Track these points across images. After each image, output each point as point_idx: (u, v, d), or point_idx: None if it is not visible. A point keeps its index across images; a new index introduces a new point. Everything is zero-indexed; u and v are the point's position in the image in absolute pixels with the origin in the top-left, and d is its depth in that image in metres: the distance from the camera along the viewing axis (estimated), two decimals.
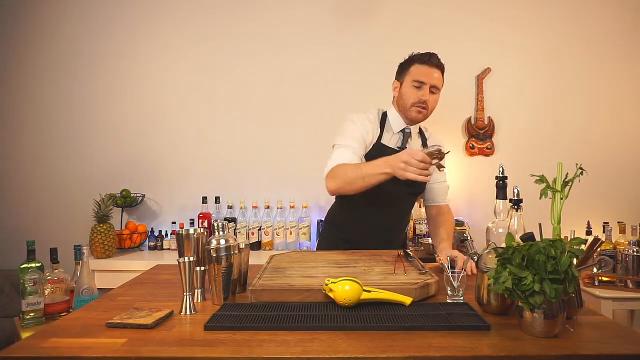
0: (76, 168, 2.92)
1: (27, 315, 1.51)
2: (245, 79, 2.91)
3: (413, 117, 1.72)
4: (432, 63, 1.70)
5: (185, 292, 1.12)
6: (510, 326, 0.98)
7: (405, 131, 1.76)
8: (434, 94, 1.72)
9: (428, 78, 1.69)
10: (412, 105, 1.70)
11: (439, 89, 1.73)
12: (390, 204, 1.74)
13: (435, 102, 1.76)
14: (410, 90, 1.71)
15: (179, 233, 1.35)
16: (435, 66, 1.71)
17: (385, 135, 1.75)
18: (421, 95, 1.69)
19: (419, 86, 1.69)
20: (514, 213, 1.17)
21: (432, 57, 1.72)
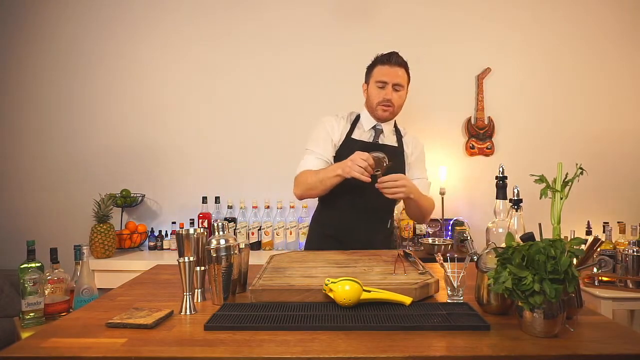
0: (76, 168, 2.92)
1: (27, 315, 1.51)
2: (245, 79, 2.91)
3: (379, 115, 1.82)
4: (393, 62, 1.79)
5: (185, 292, 1.12)
6: (510, 326, 0.98)
7: (377, 127, 1.85)
8: (398, 91, 1.80)
9: (390, 77, 1.77)
10: (378, 105, 1.79)
11: (402, 86, 1.81)
12: (367, 197, 1.75)
13: (401, 99, 1.84)
14: (374, 90, 1.80)
15: (179, 233, 1.35)
16: (397, 65, 1.79)
17: (356, 132, 1.85)
18: (384, 94, 1.78)
19: (382, 86, 1.78)
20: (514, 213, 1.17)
21: (392, 57, 1.80)
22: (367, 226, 1.80)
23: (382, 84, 1.78)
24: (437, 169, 2.85)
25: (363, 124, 1.86)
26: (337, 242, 1.76)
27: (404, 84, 1.81)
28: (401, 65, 1.81)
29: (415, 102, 2.92)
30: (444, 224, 2.77)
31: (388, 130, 1.87)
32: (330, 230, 1.84)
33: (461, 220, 2.75)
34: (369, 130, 1.85)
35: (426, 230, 2.73)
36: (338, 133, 1.82)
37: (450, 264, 1.17)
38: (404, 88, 1.83)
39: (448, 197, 2.80)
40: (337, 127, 1.83)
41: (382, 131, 1.85)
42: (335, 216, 1.84)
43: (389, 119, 1.85)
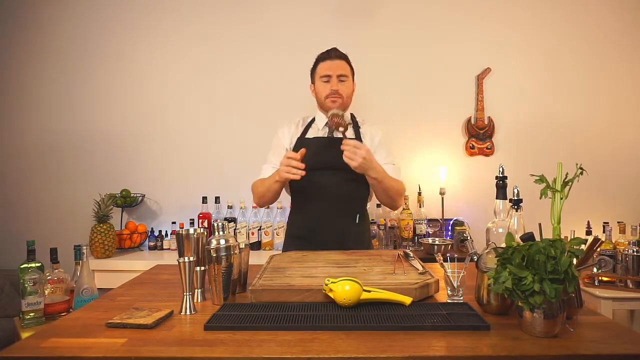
0: (76, 168, 2.92)
1: (27, 315, 1.51)
2: (245, 79, 2.91)
3: (330, 107, 1.82)
4: (333, 56, 1.85)
5: (185, 292, 1.12)
6: (510, 326, 0.98)
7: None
8: (343, 82, 1.84)
9: (332, 70, 1.82)
10: (326, 98, 1.83)
11: (346, 76, 1.84)
12: (329, 194, 1.76)
13: (348, 88, 1.86)
14: (321, 86, 1.85)
15: (179, 233, 1.35)
16: (337, 58, 1.85)
17: (310, 132, 1.89)
18: (330, 86, 1.82)
19: (327, 80, 1.83)
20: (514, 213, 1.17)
21: (331, 52, 1.87)
22: (334, 224, 1.78)
23: (327, 78, 1.82)
24: (437, 169, 2.86)
25: (317, 124, 1.90)
26: (306, 243, 1.74)
27: (347, 74, 1.85)
28: (341, 58, 1.85)
29: (416, 102, 2.93)
30: (444, 224, 2.77)
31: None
32: (299, 231, 1.84)
33: (461, 220, 2.75)
34: (323, 128, 1.87)
35: (426, 230, 2.73)
36: (289, 138, 1.88)
37: (450, 264, 1.17)
38: (349, 78, 1.86)
39: (448, 197, 2.80)
40: (287, 133, 1.89)
41: None
42: (303, 217, 1.84)
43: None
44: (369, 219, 1.98)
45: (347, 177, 1.76)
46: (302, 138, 1.86)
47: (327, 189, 1.77)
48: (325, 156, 1.77)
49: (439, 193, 2.78)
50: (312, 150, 1.78)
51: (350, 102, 1.89)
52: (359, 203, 1.87)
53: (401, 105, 2.91)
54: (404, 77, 2.90)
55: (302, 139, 1.86)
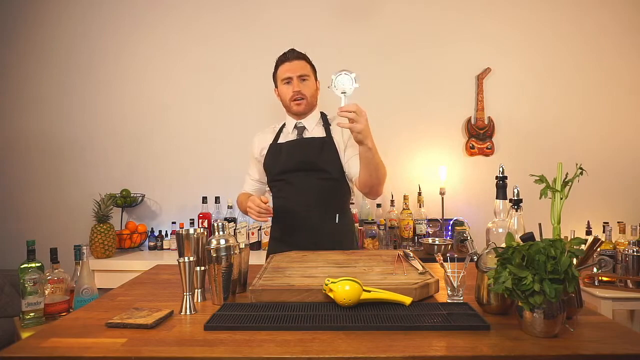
0: (76, 168, 2.92)
1: (27, 315, 1.51)
2: (245, 79, 2.91)
3: (295, 110, 1.82)
4: (291, 57, 1.82)
5: (185, 292, 1.12)
6: (510, 326, 0.98)
7: (298, 126, 1.86)
8: (305, 81, 1.81)
9: (293, 71, 1.79)
10: (290, 101, 1.80)
11: (307, 75, 1.81)
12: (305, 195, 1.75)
13: (311, 88, 1.83)
14: (283, 89, 1.82)
15: (179, 233, 1.35)
16: (295, 58, 1.82)
17: (282, 137, 1.88)
18: (293, 88, 1.79)
19: (289, 82, 1.80)
20: (514, 213, 1.17)
21: (289, 53, 1.84)
22: (312, 225, 1.75)
23: (288, 79, 1.80)
24: (437, 168, 2.86)
25: (288, 128, 1.88)
26: (285, 245, 1.73)
27: (309, 74, 1.81)
28: (300, 58, 1.82)
29: (416, 102, 2.93)
30: (444, 224, 2.77)
31: (312, 124, 1.84)
32: (279, 232, 1.84)
33: (461, 220, 2.75)
34: (293, 131, 1.86)
35: (426, 230, 2.73)
36: (258, 149, 1.90)
37: (450, 264, 1.17)
38: (311, 77, 1.83)
39: (448, 197, 2.80)
40: (256, 144, 1.92)
41: (304, 128, 1.84)
42: (279, 219, 1.83)
43: (306, 111, 1.83)
44: (352, 218, 1.94)
45: (322, 176, 1.76)
46: (274, 144, 1.87)
47: (302, 190, 1.76)
48: (297, 158, 1.77)
49: (439, 193, 2.78)
50: (284, 153, 1.80)
51: (315, 101, 1.86)
52: (337, 202, 1.82)
53: (401, 105, 2.91)
54: (404, 77, 2.90)
55: (274, 144, 1.86)
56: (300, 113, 1.82)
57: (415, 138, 2.90)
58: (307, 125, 1.85)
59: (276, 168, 1.82)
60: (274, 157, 1.83)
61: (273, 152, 1.85)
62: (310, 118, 1.85)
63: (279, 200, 1.83)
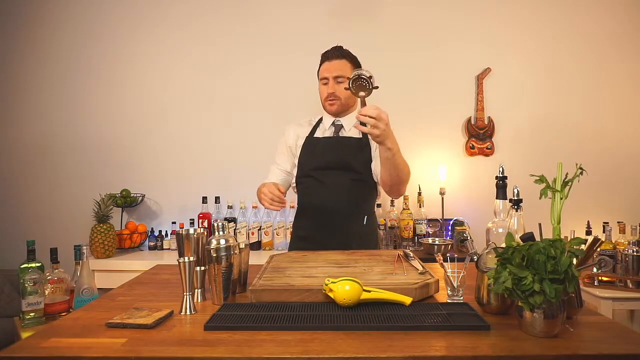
0: (76, 168, 2.92)
1: (27, 315, 1.51)
2: (246, 80, 2.91)
3: (328, 110, 1.85)
4: (331, 57, 1.83)
5: (185, 292, 1.12)
6: (510, 326, 0.98)
7: (336, 124, 1.86)
8: (341, 82, 1.80)
9: (330, 72, 1.81)
10: (325, 101, 1.84)
11: (344, 76, 1.80)
12: (337, 195, 1.75)
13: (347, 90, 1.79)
14: (321, 88, 1.86)
15: (179, 233, 1.35)
16: (335, 58, 1.82)
17: (318, 132, 1.89)
18: (327, 89, 1.81)
19: (326, 82, 1.83)
20: (514, 213, 1.17)
21: (330, 52, 1.85)
22: (341, 226, 1.76)
23: (326, 80, 1.82)
24: (437, 168, 2.86)
25: (325, 124, 1.89)
26: (312, 244, 1.72)
27: (346, 75, 1.80)
28: (341, 57, 1.83)
29: (416, 102, 2.92)
30: (444, 224, 2.77)
31: (349, 124, 1.85)
32: (305, 232, 1.83)
33: (461, 220, 2.75)
34: (330, 128, 1.87)
35: (426, 230, 2.73)
36: (294, 139, 1.88)
37: (450, 264, 1.17)
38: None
39: (448, 197, 2.80)
40: (292, 134, 1.90)
41: (342, 126, 1.85)
42: (308, 219, 1.83)
43: (339, 112, 1.85)
44: (377, 220, 1.97)
45: (355, 177, 1.76)
46: (310, 137, 1.87)
47: (334, 189, 1.75)
48: (332, 156, 1.77)
49: (439, 193, 2.78)
50: (319, 149, 1.79)
51: (352, 102, 1.87)
52: (367, 204, 1.85)
53: (401, 105, 2.90)
54: (404, 77, 2.90)
55: (310, 137, 1.86)
56: (333, 113, 1.85)
57: (415, 138, 2.90)
58: (344, 124, 1.86)
59: (311, 164, 1.81)
60: (309, 152, 1.82)
61: (309, 145, 1.84)
62: (348, 117, 1.87)
63: (308, 198, 1.82)
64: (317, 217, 1.78)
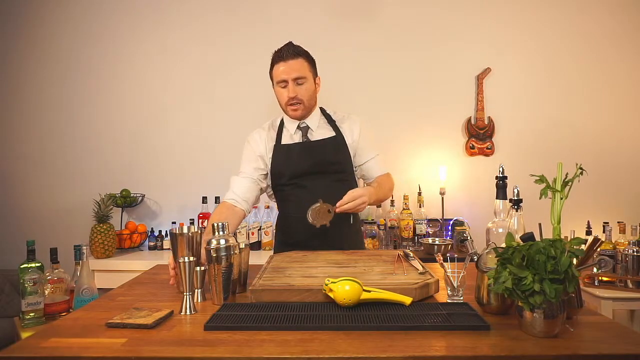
0: (76, 168, 2.92)
1: (27, 315, 1.51)
2: (245, 79, 2.91)
3: (292, 115, 1.73)
4: (286, 56, 1.67)
5: (185, 292, 1.12)
6: (510, 326, 0.98)
7: (302, 126, 1.77)
8: (301, 84, 1.68)
9: (288, 74, 1.66)
10: (287, 105, 1.71)
11: (304, 77, 1.68)
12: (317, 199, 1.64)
13: (308, 91, 1.70)
14: (279, 92, 1.72)
15: (172, 232, 1.30)
16: (291, 57, 1.67)
17: (284, 137, 1.77)
18: (288, 93, 1.67)
19: (284, 85, 1.69)
20: (514, 213, 1.17)
21: (284, 51, 1.68)
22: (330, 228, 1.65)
23: (284, 83, 1.68)
24: (437, 168, 2.86)
25: (288, 128, 1.78)
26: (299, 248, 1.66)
27: (305, 75, 1.68)
28: (297, 56, 1.68)
29: (416, 103, 2.92)
30: (444, 224, 2.77)
31: (315, 123, 1.76)
32: (291, 238, 1.75)
33: (461, 220, 2.75)
34: (296, 132, 1.76)
35: (426, 230, 2.73)
36: (263, 146, 1.76)
37: (450, 264, 1.17)
38: (308, 79, 1.69)
39: (448, 197, 2.80)
40: (259, 140, 1.77)
41: (308, 127, 1.76)
42: (293, 224, 1.74)
43: (303, 116, 1.74)
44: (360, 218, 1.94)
45: (334, 178, 1.71)
46: (278, 145, 1.75)
47: (317, 193, 1.64)
48: (310, 161, 1.69)
49: (439, 193, 2.78)
50: (295, 157, 1.71)
51: (314, 102, 1.76)
52: None
53: (401, 105, 2.91)
54: (405, 77, 2.90)
55: (278, 145, 1.75)
56: (297, 118, 1.75)
57: (415, 138, 2.90)
58: (310, 125, 1.76)
59: (287, 172, 1.71)
60: (283, 160, 1.71)
61: (280, 154, 1.73)
62: (312, 117, 1.77)
63: (289, 206, 1.75)
64: (302, 223, 1.62)
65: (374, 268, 1.34)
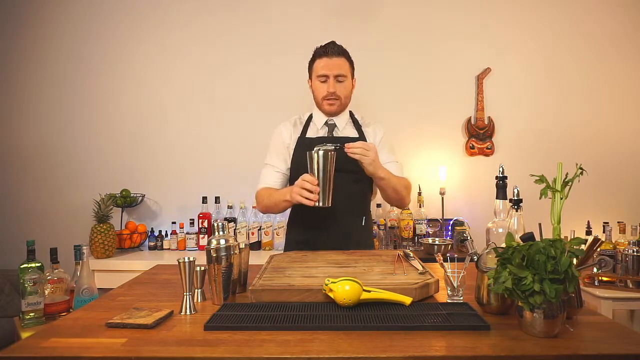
0: (76, 168, 2.92)
1: (27, 315, 1.51)
2: (246, 79, 2.91)
3: (326, 110, 1.78)
4: (331, 53, 1.73)
5: (185, 292, 1.12)
6: (510, 326, 0.98)
7: (329, 123, 1.81)
8: (341, 82, 1.75)
9: (330, 69, 1.72)
10: (323, 100, 1.76)
11: (345, 76, 1.75)
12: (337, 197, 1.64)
13: (346, 89, 1.78)
14: (317, 85, 1.77)
15: (310, 152, 1.34)
16: (335, 55, 1.74)
17: (310, 131, 1.82)
18: (327, 88, 1.73)
19: (325, 80, 1.74)
20: (514, 213, 1.17)
21: (329, 47, 1.75)
22: (339, 227, 1.72)
23: (324, 78, 1.74)
24: (437, 168, 2.86)
25: (315, 123, 1.82)
26: (311, 246, 1.68)
27: (346, 74, 1.75)
28: (340, 55, 1.75)
29: (416, 103, 2.93)
30: (444, 224, 2.77)
31: (342, 122, 1.82)
32: (303, 234, 1.78)
33: (461, 220, 2.75)
34: (322, 127, 1.81)
35: (426, 230, 2.73)
36: (288, 138, 1.80)
37: (450, 264, 1.17)
38: (348, 78, 1.77)
39: (448, 197, 2.80)
40: (286, 132, 1.81)
41: (335, 125, 1.80)
42: (306, 221, 1.76)
43: (337, 112, 1.80)
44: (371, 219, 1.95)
45: (353, 177, 1.72)
46: (302, 138, 1.79)
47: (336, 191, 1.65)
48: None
49: (439, 193, 2.78)
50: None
51: (349, 102, 1.83)
52: (365, 204, 1.83)
53: (401, 105, 2.91)
54: (404, 78, 2.91)
55: (302, 138, 1.79)
56: (332, 113, 1.79)
57: (415, 138, 2.90)
58: (337, 123, 1.80)
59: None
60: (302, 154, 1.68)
61: (302, 147, 1.73)
62: (341, 116, 1.82)
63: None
64: (314, 219, 1.72)
65: (374, 268, 1.34)
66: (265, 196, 1.74)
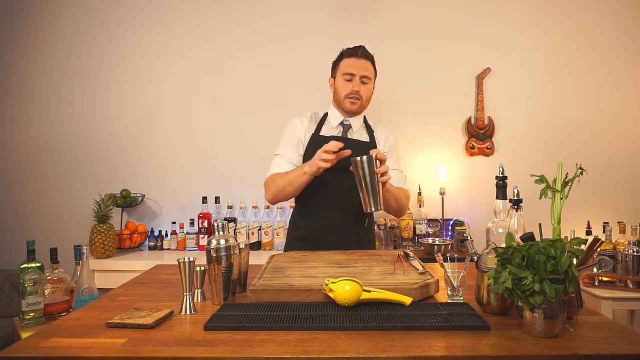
0: (76, 168, 2.92)
1: (27, 315, 1.51)
2: (245, 79, 2.91)
3: (348, 108, 1.78)
4: (360, 55, 1.78)
5: (185, 292, 1.12)
6: (510, 326, 0.98)
7: (345, 123, 1.82)
8: (365, 84, 1.78)
9: (357, 69, 1.76)
10: (346, 97, 1.77)
11: (370, 78, 1.79)
12: (341, 196, 1.70)
13: (369, 92, 1.81)
14: (342, 83, 1.78)
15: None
16: (363, 57, 1.78)
17: (324, 129, 1.82)
18: (352, 86, 1.76)
19: (350, 79, 1.76)
20: (514, 213, 1.17)
21: (359, 50, 1.79)
22: (343, 226, 1.74)
23: (350, 77, 1.76)
24: (437, 169, 2.86)
25: (331, 121, 1.83)
26: (312, 246, 1.70)
27: (371, 77, 1.79)
28: (368, 58, 1.79)
29: (416, 103, 2.92)
30: (444, 224, 2.77)
31: (357, 125, 1.83)
32: (305, 233, 1.79)
33: (461, 220, 2.75)
34: (337, 127, 1.82)
35: (426, 230, 2.73)
36: (303, 133, 1.80)
37: (450, 264, 1.17)
38: (371, 81, 1.81)
39: (448, 197, 2.80)
40: (302, 128, 1.81)
41: (350, 126, 1.81)
42: (310, 219, 1.78)
43: (357, 112, 1.81)
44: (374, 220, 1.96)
45: None
46: (316, 135, 1.79)
47: (339, 190, 1.71)
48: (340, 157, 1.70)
49: (439, 193, 2.78)
50: None
51: (367, 106, 1.83)
52: None
53: (401, 105, 2.91)
54: (404, 78, 2.90)
55: (316, 135, 1.78)
56: (352, 112, 1.80)
57: (415, 138, 2.90)
58: (353, 124, 1.82)
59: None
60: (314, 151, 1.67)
61: (316, 143, 1.73)
62: (357, 118, 1.83)
63: (312, 199, 1.76)
64: (319, 218, 1.75)
65: (374, 268, 1.34)
66: (279, 177, 1.70)
